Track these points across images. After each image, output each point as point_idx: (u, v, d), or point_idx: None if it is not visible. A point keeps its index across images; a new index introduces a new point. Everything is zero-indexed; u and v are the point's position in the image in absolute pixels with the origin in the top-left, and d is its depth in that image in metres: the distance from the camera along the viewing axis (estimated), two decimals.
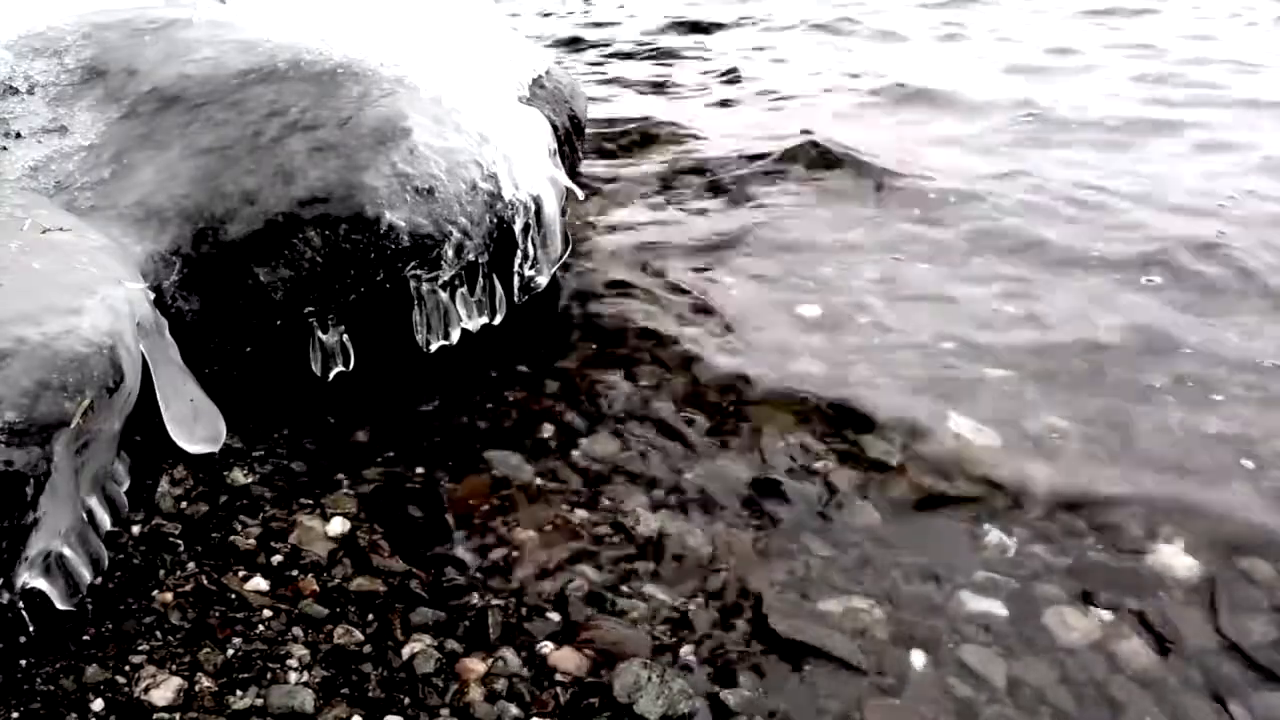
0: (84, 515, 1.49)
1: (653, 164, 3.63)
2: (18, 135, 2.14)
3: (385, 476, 1.88)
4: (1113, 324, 2.40)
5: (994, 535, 1.75)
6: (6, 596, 1.31)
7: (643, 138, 3.93)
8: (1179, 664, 1.49)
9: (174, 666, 1.40)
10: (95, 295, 1.55)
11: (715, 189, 3.39)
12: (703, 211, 3.21)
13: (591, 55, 5.52)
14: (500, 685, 1.43)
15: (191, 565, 1.59)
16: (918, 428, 2.01)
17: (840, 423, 2.05)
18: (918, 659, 1.51)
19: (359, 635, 1.50)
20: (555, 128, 2.68)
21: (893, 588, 1.64)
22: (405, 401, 2.11)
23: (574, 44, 5.81)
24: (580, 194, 2.61)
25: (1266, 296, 2.52)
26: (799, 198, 3.27)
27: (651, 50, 5.53)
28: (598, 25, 6.32)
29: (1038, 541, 1.73)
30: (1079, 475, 1.88)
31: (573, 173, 2.86)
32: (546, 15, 6.72)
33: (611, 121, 4.08)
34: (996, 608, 1.60)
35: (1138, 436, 1.99)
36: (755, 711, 1.41)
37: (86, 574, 1.48)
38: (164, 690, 1.36)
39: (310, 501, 1.79)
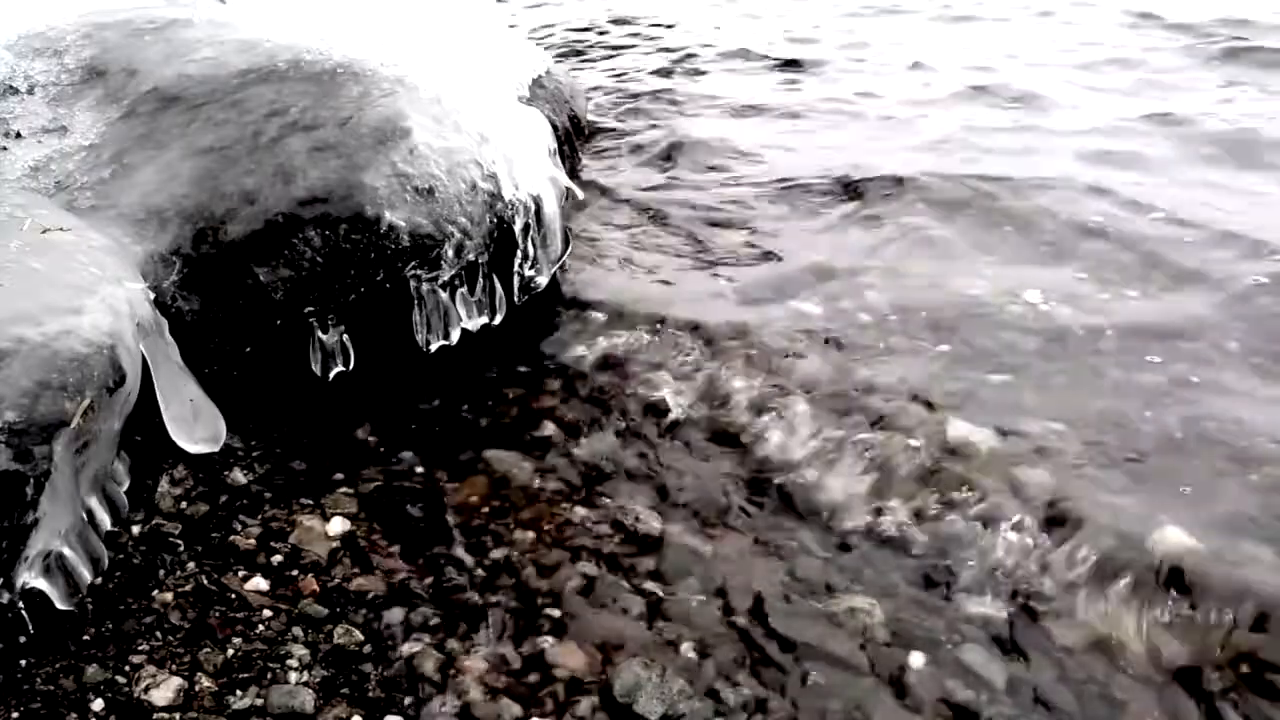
0: (84, 515, 1.49)
1: None
2: (18, 135, 2.14)
3: (385, 476, 1.88)
4: None
5: None
6: (7, 596, 1.31)
7: None
8: None
9: (174, 666, 1.40)
10: (95, 295, 1.56)
11: None
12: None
13: None
14: (500, 684, 1.43)
15: (191, 565, 1.59)
16: None
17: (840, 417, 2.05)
18: (916, 659, 1.51)
19: (359, 635, 1.50)
20: (555, 128, 2.69)
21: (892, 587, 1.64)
22: (405, 401, 2.11)
23: None
24: (580, 194, 2.61)
25: None
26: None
27: None
28: None
29: None
30: None
31: (573, 172, 2.86)
32: None
33: None
34: None
35: None
36: (755, 711, 1.41)
37: (86, 574, 1.48)
38: (164, 690, 1.36)
39: (310, 501, 1.79)
